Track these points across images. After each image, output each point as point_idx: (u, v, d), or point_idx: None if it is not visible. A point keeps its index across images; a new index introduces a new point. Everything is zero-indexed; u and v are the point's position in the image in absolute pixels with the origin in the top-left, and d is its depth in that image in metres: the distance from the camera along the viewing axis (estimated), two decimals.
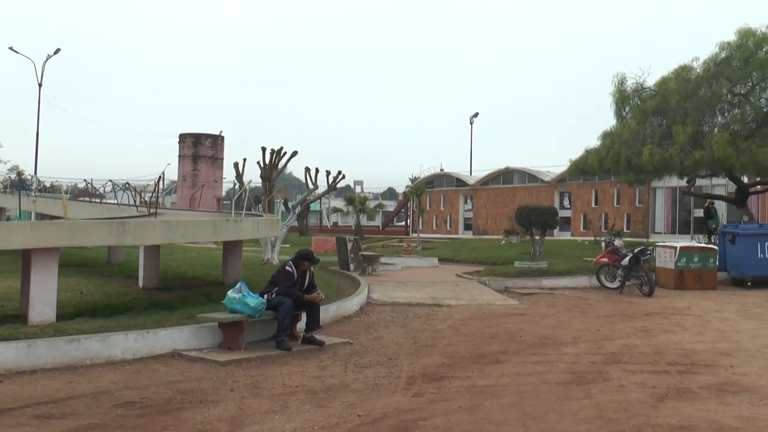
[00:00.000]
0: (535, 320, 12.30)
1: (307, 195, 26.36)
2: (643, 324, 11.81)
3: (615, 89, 23.64)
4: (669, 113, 22.13)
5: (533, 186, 44.52)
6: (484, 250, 27.15)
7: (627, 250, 16.77)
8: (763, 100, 22.05)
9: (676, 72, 22.63)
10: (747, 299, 15.12)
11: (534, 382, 7.69)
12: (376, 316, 12.66)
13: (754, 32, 21.43)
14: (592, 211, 40.33)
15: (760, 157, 19.83)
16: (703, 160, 20.61)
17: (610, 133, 23.66)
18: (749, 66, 21.15)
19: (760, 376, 7.95)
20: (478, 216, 47.82)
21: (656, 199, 37.31)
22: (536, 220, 22.14)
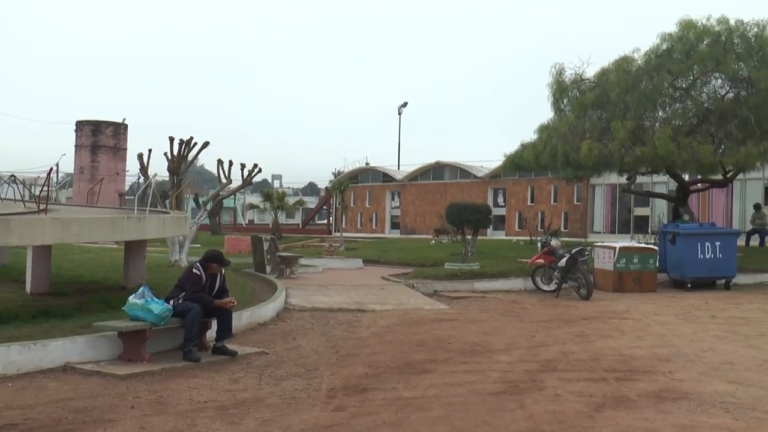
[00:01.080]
0: (466, 326, 12.43)
1: (220, 190, 26.01)
2: (580, 329, 12.08)
3: (553, 80, 24.02)
4: (609, 107, 22.65)
5: (465, 182, 45.03)
6: (413, 251, 27.30)
7: (564, 250, 17.09)
8: (704, 95, 22.82)
9: (617, 63, 23.18)
10: (687, 302, 15.63)
11: (464, 393, 7.76)
12: (295, 322, 12.58)
13: (695, 24, 22.15)
14: (528, 209, 41.03)
15: (702, 155, 20.50)
16: (643, 156, 21.18)
17: (547, 126, 24.07)
18: (690, 59, 21.84)
19: (699, 381, 8.23)
20: (406, 214, 48.09)
21: (595, 196, 38.24)
22: (468, 219, 22.33)
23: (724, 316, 13.59)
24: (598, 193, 38.10)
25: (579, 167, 23.90)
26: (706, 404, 7.29)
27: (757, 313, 13.84)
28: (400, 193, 49.17)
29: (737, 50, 21.70)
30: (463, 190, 44.11)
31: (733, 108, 21.88)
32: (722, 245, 18.06)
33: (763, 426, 6.61)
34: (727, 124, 22.28)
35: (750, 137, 21.07)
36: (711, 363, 9.25)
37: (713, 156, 21.06)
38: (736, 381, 8.26)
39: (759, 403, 7.32)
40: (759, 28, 21.73)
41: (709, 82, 22.86)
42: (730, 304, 15.28)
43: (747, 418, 6.84)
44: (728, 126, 22.25)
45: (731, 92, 22.58)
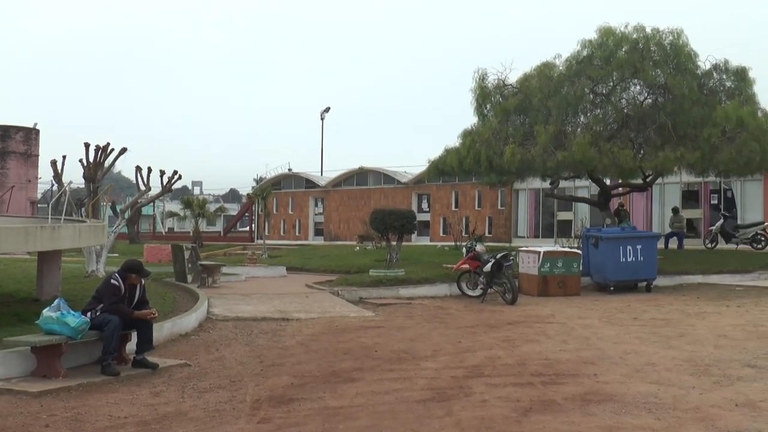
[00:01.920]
0: (392, 333, 12.48)
1: (139, 197, 25.52)
2: (506, 334, 12.26)
3: (476, 85, 24.33)
4: (531, 112, 23.09)
5: (389, 188, 45.23)
6: (337, 258, 27.28)
7: (489, 255, 17.32)
8: (623, 101, 23.47)
9: (539, 69, 23.67)
10: (610, 305, 16.02)
11: (391, 401, 7.78)
12: (218, 333, 12.43)
13: (614, 31, 22.78)
14: (452, 215, 41.45)
15: (622, 159, 21.07)
16: (565, 161, 21.63)
17: (470, 131, 24.35)
18: (610, 65, 22.44)
19: (622, 383, 8.44)
20: (329, 220, 48.04)
21: (519, 201, 38.87)
22: (392, 225, 22.47)
23: (646, 318, 13.97)
24: (521, 198, 38.73)
25: (502, 172, 24.26)
26: (630, 405, 7.48)
27: (676, 315, 14.27)
28: (324, 200, 49.09)
29: (654, 57, 22.39)
30: (387, 196, 44.28)
31: (652, 114, 22.55)
32: (643, 248, 18.59)
33: (683, 425, 6.82)
34: (645, 130, 22.94)
35: (667, 142, 21.74)
36: (634, 365, 9.50)
37: (633, 161, 21.68)
38: (657, 382, 8.50)
39: (679, 403, 7.55)
40: (674, 36, 22.47)
41: (628, 88, 23.53)
42: (651, 306, 15.72)
43: (668, 417, 7.05)
44: (647, 131, 22.91)
45: (649, 98, 23.28)
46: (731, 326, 12.69)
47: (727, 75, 23.32)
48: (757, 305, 15.45)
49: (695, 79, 22.42)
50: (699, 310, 14.82)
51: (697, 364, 9.47)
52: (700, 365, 9.42)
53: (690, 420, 6.96)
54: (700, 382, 8.46)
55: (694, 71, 22.59)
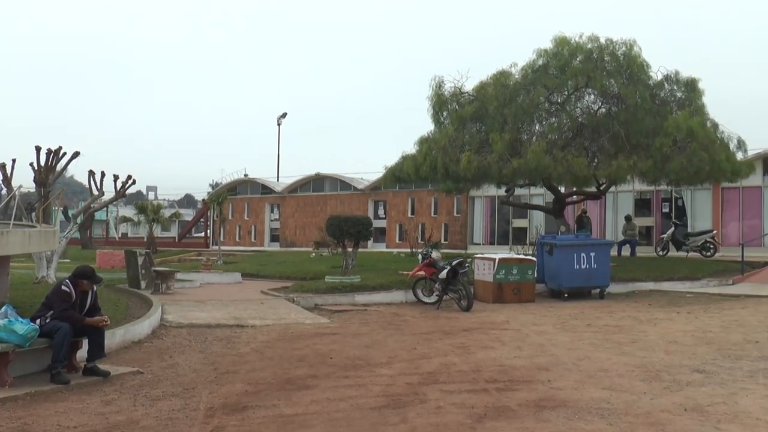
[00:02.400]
0: (348, 340, 12.46)
1: (92, 202, 25.17)
2: (461, 340, 12.31)
3: (433, 93, 24.44)
4: (487, 119, 23.26)
5: (346, 194, 45.17)
6: (293, 264, 27.20)
7: (445, 262, 17.40)
8: (578, 110, 23.76)
9: (495, 77, 23.86)
10: (564, 311, 16.19)
11: (346, 408, 7.76)
12: (171, 340, 12.30)
13: (569, 41, 23.08)
14: (409, 221, 41.52)
15: (576, 167, 21.33)
16: (520, 168, 21.82)
17: (427, 138, 24.43)
18: (565, 74, 22.72)
19: (576, 389, 8.53)
20: (285, 226, 47.82)
21: (475, 208, 39.06)
22: (349, 231, 22.43)
23: (599, 324, 14.15)
24: (477, 205, 38.94)
25: (459, 179, 24.40)
26: (583, 411, 7.56)
27: (628, 321, 14.47)
28: (280, 206, 48.85)
29: (608, 67, 22.73)
30: (343, 203, 44.22)
31: (605, 123, 22.87)
32: (596, 256, 18.84)
33: (635, 429, 6.91)
34: (599, 138, 23.24)
35: (621, 151, 22.06)
36: (587, 371, 9.61)
37: (587, 169, 21.97)
38: (610, 387, 8.61)
39: (631, 408, 7.65)
40: (627, 47, 22.84)
41: (582, 97, 23.84)
42: (604, 312, 15.93)
43: (620, 422, 7.14)
44: (601, 140, 23.21)
45: (603, 107, 23.61)
46: (681, 332, 12.91)
47: (678, 86, 23.77)
48: (706, 312, 15.75)
49: (647, 89, 22.82)
50: (650, 317, 15.05)
51: (649, 370, 9.61)
52: (651, 371, 9.56)
53: (641, 425, 7.06)
54: (651, 388, 8.59)
55: (646, 81, 22.99)
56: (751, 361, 10.26)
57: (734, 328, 13.40)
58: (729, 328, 13.33)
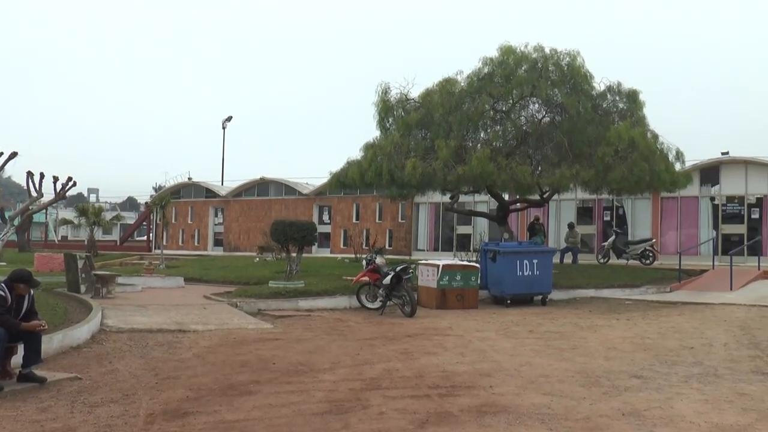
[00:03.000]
0: (291, 345, 12.39)
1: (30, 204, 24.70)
2: (404, 346, 12.33)
3: (379, 99, 24.55)
4: (433, 126, 23.41)
5: (291, 199, 44.98)
6: (236, 269, 26.97)
7: (389, 268, 17.42)
8: (522, 119, 24.07)
9: (441, 85, 24.04)
10: (506, 317, 16.35)
11: (288, 414, 7.72)
12: (111, 345, 12.08)
13: (514, 50, 23.38)
14: (353, 227, 41.52)
15: (520, 175, 21.59)
16: (465, 175, 22.00)
17: (372, 144, 24.51)
18: (510, 83, 22.99)
19: (517, 395, 8.61)
20: (229, 230, 47.41)
21: (419, 215, 39.23)
22: (293, 236, 22.34)
23: (541, 330, 14.31)
24: (422, 212, 39.10)
25: (403, 185, 24.49)
26: (524, 416, 7.63)
27: (569, 328, 14.66)
28: (224, 210, 48.40)
29: (552, 77, 23.07)
30: (288, 207, 44.02)
31: (549, 132, 23.22)
32: (539, 263, 19.06)
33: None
34: (543, 147, 23.60)
35: (564, 160, 22.41)
36: (528, 376, 9.71)
37: (531, 177, 22.25)
38: (550, 393, 8.71)
39: (571, 413, 7.75)
40: (570, 57, 23.23)
41: (527, 106, 24.16)
42: (546, 319, 16.11)
43: (560, 428, 7.23)
44: (544, 148, 23.58)
45: (547, 117, 23.96)
46: (620, 339, 13.13)
47: (620, 97, 24.27)
48: (645, 318, 16.05)
49: (590, 99, 23.24)
50: (591, 323, 15.27)
51: (588, 376, 9.75)
52: (591, 377, 9.71)
53: (580, 430, 7.16)
54: (591, 393, 8.71)
55: (589, 92, 23.40)
56: (686, 366, 10.50)
57: (671, 334, 13.68)
58: (666, 335, 13.60)
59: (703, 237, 30.33)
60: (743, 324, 15.05)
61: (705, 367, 10.49)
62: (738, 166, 30.43)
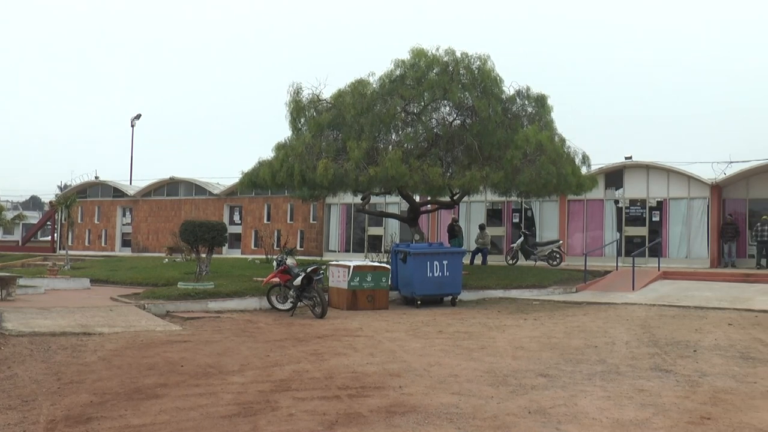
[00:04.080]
0: (200, 347, 12.21)
1: None
2: (314, 347, 12.30)
3: (290, 99, 24.38)
4: (345, 127, 23.39)
5: (201, 199, 44.33)
6: (145, 270, 26.43)
7: (299, 269, 17.35)
8: (434, 121, 24.28)
9: (353, 86, 24.03)
10: (416, 318, 16.48)
11: (196, 417, 7.60)
12: (10, 349, 11.66)
13: (426, 53, 23.55)
14: (265, 228, 41.18)
15: (431, 177, 21.77)
16: (377, 177, 22.06)
17: (284, 145, 24.33)
18: (421, 86, 23.16)
19: (426, 395, 8.69)
20: (138, 231, 46.39)
21: (331, 216, 39.19)
22: (203, 237, 22.02)
23: (450, 331, 14.47)
24: (333, 213, 39.07)
25: (315, 186, 24.37)
26: (433, 416, 7.71)
27: (478, 328, 14.88)
28: (132, 210, 47.32)
29: (463, 80, 23.32)
30: (198, 207, 43.37)
31: (460, 134, 23.50)
32: (449, 264, 19.28)
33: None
34: (454, 149, 23.85)
35: (474, 162, 22.71)
36: (437, 376, 9.81)
37: (442, 179, 22.44)
38: (459, 392, 8.82)
39: (478, 412, 7.87)
40: (481, 61, 23.54)
41: (438, 108, 24.37)
42: (456, 319, 16.31)
43: (468, 426, 7.33)
44: (455, 151, 23.83)
45: (458, 119, 24.24)
46: (528, 338, 13.40)
47: (529, 101, 24.73)
48: (551, 318, 16.42)
49: (500, 103, 23.59)
50: (499, 324, 15.53)
51: (496, 375, 9.92)
52: (499, 376, 9.87)
53: (488, 428, 7.28)
54: (498, 392, 8.86)
55: (499, 95, 23.75)
56: (590, 364, 10.79)
57: (576, 333, 14.04)
58: (571, 334, 13.95)
59: (608, 239, 31.22)
60: (644, 323, 15.57)
61: (608, 365, 10.80)
62: (640, 170, 31.45)
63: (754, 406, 8.37)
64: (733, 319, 16.12)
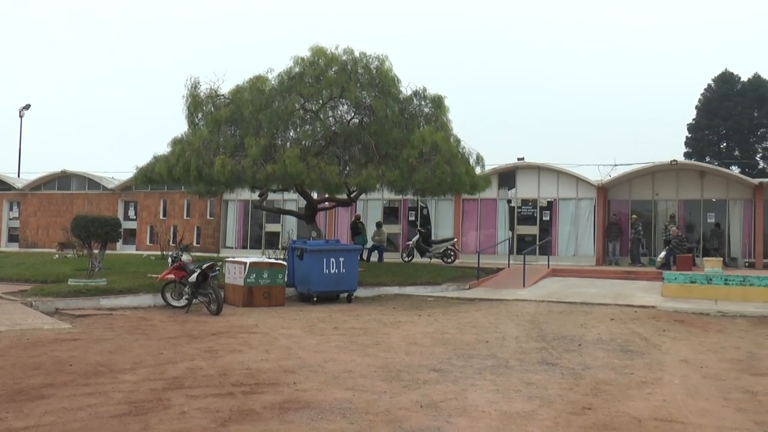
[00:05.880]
0: (90, 345, 11.85)
1: None
2: (209, 344, 12.12)
3: (188, 94, 23.94)
4: (243, 124, 23.14)
5: (94, 193, 43.04)
6: (33, 266, 25.42)
7: (195, 265, 17.06)
8: (332, 119, 24.30)
9: (251, 82, 23.80)
10: (312, 315, 16.44)
11: (84, 418, 7.37)
12: None
13: (325, 51, 23.53)
14: (161, 223, 40.35)
15: (328, 174, 21.76)
16: (274, 174, 21.90)
17: (181, 140, 23.88)
18: (320, 84, 23.13)
19: (320, 390, 8.69)
20: (26, 226, 44.66)
21: (228, 212, 38.70)
22: (96, 232, 21.38)
23: (346, 327, 14.50)
24: (231, 209, 38.59)
25: (212, 182, 24.03)
26: (326, 411, 7.72)
27: (373, 324, 14.96)
28: (21, 203, 45.49)
29: (361, 80, 23.44)
30: (91, 202, 42.10)
31: (357, 133, 23.58)
32: (345, 261, 19.30)
33: (374, 427, 7.17)
34: (351, 148, 23.91)
35: (371, 161, 22.83)
36: (332, 372, 9.82)
37: (339, 177, 22.47)
38: (353, 388, 8.86)
39: (371, 407, 7.93)
40: (379, 61, 23.69)
41: (336, 107, 24.41)
42: (351, 316, 16.36)
43: (361, 421, 7.38)
44: (353, 149, 23.90)
45: (356, 118, 24.33)
46: (422, 334, 13.56)
47: (426, 101, 25.03)
48: (445, 314, 16.67)
49: (397, 103, 23.81)
50: (394, 320, 15.66)
51: (390, 370, 10.00)
52: (393, 371, 9.96)
53: (380, 422, 7.34)
54: (392, 387, 8.95)
55: (396, 95, 23.96)
56: (481, 359, 11.02)
57: (468, 329, 14.30)
58: (464, 330, 14.20)
59: (500, 237, 31.92)
60: (533, 318, 16.00)
61: (498, 359, 11.06)
62: (532, 171, 32.28)
63: (630, 396, 8.75)
64: (615, 315, 16.77)
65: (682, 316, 16.83)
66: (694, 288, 20.54)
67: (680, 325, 15.40)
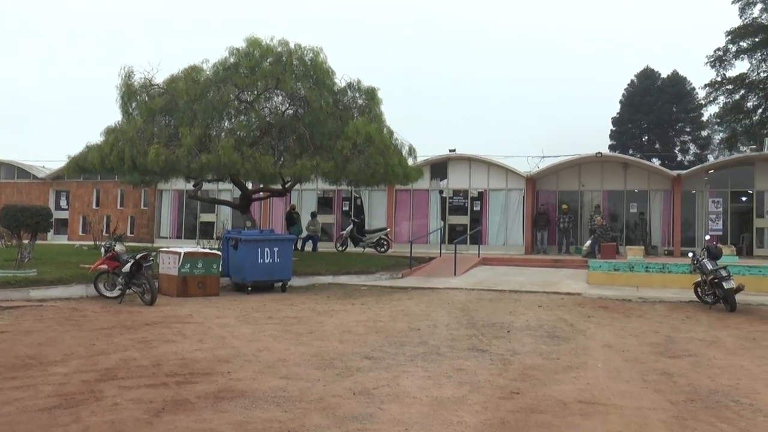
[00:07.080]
0: (19, 338, 11.49)
1: None
2: (143, 335, 11.89)
3: (122, 83, 23.46)
4: (177, 113, 22.76)
5: (24, 182, 41.90)
6: None
7: (129, 255, 16.72)
8: (266, 110, 24.05)
9: (186, 72, 23.42)
10: (247, 304, 16.28)
11: (12, 412, 7.14)
12: None
13: (260, 43, 23.28)
14: (94, 213, 39.51)
15: (263, 165, 21.56)
16: (209, 164, 21.60)
17: (114, 129, 23.37)
18: (255, 74, 22.87)
19: (254, 379, 8.61)
20: None
21: (162, 202, 38.10)
22: (26, 222, 20.74)
23: (280, 316, 14.40)
24: (165, 199, 38.00)
25: (146, 172, 23.62)
26: (260, 400, 7.65)
27: (307, 313, 14.89)
28: None
29: (296, 71, 23.23)
30: (21, 191, 40.99)
31: (292, 124, 23.39)
32: (280, 250, 19.17)
33: (307, 415, 7.14)
34: (286, 138, 23.73)
35: (305, 151, 22.68)
36: (266, 361, 9.74)
37: (273, 167, 22.29)
38: (287, 376, 8.80)
39: (305, 395, 7.89)
40: (314, 53, 23.54)
41: (271, 98, 24.16)
42: (286, 305, 16.25)
43: (294, 409, 7.33)
44: (287, 140, 23.71)
45: (291, 109, 24.12)
46: (355, 322, 13.56)
47: (360, 93, 24.97)
48: (378, 303, 16.70)
49: (332, 94, 23.71)
50: (328, 309, 15.62)
51: (324, 359, 9.97)
52: (326, 359, 9.93)
53: (314, 410, 7.31)
54: (325, 375, 8.92)
55: (331, 87, 23.85)
56: (413, 346, 11.06)
57: (401, 317, 14.35)
58: (396, 318, 14.24)
59: (432, 227, 32.14)
60: (464, 306, 16.14)
61: (429, 346, 11.12)
62: (463, 162, 32.56)
63: (556, 380, 8.91)
64: (542, 302, 17.04)
65: (606, 302, 17.20)
66: (617, 275, 21.04)
67: (604, 311, 15.74)
